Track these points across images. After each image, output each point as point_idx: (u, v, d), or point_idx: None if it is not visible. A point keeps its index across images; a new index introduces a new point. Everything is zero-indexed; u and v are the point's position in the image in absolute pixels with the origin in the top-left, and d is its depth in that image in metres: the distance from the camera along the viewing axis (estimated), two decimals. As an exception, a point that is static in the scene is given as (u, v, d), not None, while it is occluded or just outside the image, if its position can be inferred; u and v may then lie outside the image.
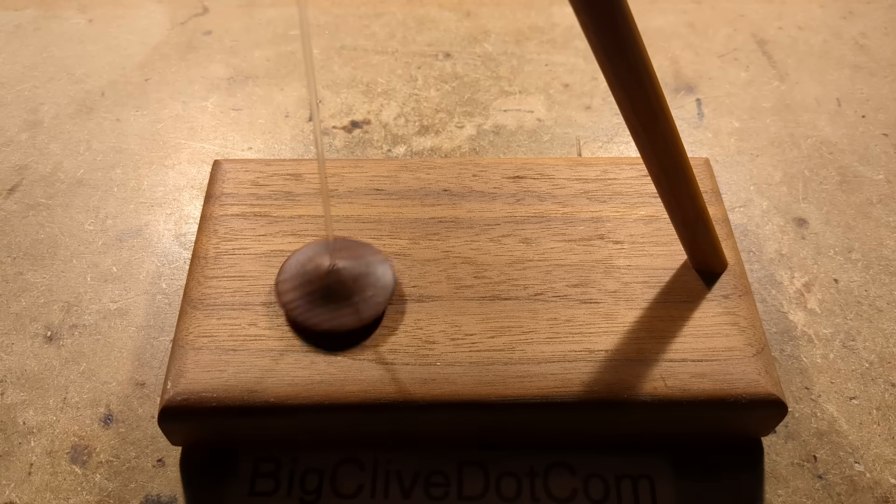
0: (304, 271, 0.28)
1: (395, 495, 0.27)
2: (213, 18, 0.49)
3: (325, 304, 0.27)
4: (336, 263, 0.28)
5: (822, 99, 0.43)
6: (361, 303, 0.27)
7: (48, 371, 0.30)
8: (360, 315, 0.27)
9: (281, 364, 0.26)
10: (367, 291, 0.27)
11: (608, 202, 0.32)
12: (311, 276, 0.28)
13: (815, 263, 0.34)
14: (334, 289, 0.27)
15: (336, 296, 0.27)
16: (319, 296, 0.27)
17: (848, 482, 0.27)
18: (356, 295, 0.27)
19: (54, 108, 0.42)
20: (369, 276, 0.28)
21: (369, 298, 0.27)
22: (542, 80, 0.45)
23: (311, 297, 0.27)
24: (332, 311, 0.27)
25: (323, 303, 0.27)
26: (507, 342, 0.27)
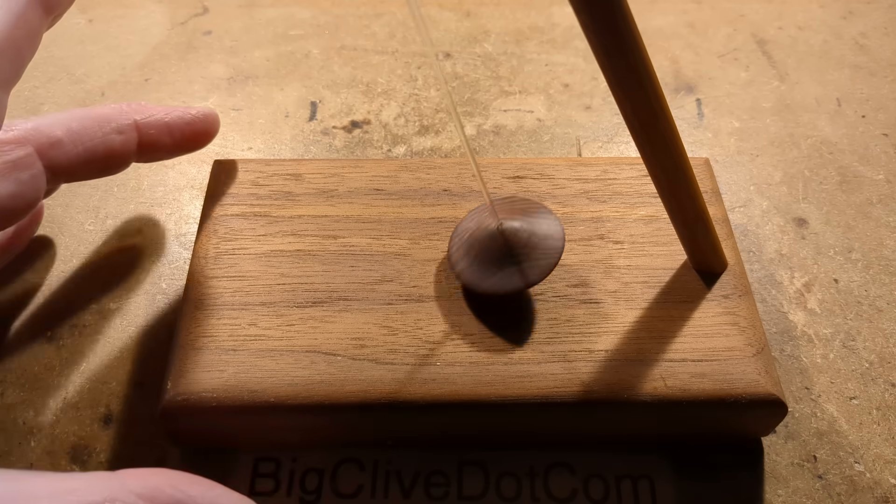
0: (472, 237, 0.28)
1: (395, 495, 0.27)
2: (213, 18, 0.49)
3: (495, 268, 0.27)
4: (503, 224, 0.28)
5: (822, 99, 0.43)
6: (528, 264, 0.27)
7: (48, 371, 0.30)
8: (527, 278, 0.27)
9: (281, 364, 0.26)
10: (536, 251, 0.27)
11: (608, 202, 0.32)
12: (479, 240, 0.28)
13: (815, 263, 0.35)
14: (503, 251, 0.28)
15: (505, 258, 0.27)
16: (488, 259, 0.28)
17: (848, 482, 0.27)
18: (525, 256, 0.27)
19: (54, 108, 0.42)
20: (537, 234, 0.28)
21: (538, 259, 0.27)
22: (542, 80, 0.45)
23: (480, 260, 0.28)
24: (502, 275, 0.27)
25: (492, 266, 0.27)
26: (507, 342, 0.27)
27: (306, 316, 0.28)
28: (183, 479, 0.20)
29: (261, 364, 0.26)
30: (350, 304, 0.28)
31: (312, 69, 0.45)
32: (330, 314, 0.28)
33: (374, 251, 0.30)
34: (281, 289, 0.28)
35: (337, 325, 0.27)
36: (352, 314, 0.28)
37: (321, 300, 0.28)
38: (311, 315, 0.28)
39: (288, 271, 0.29)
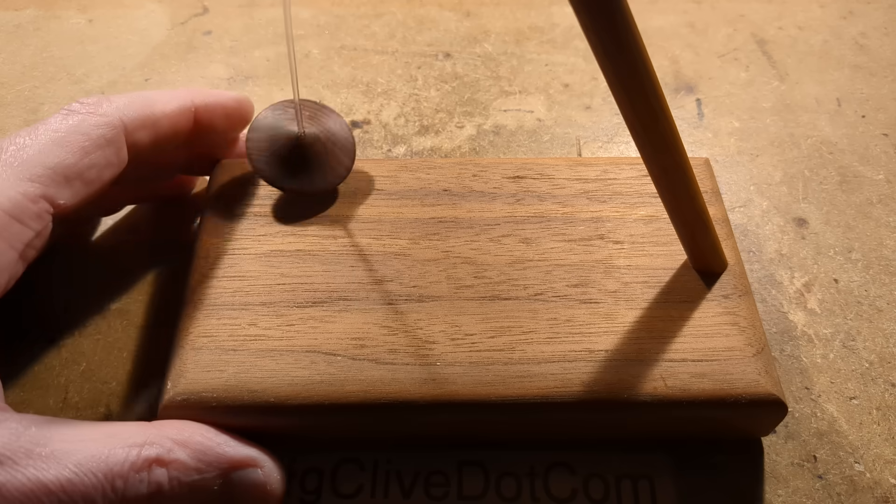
0: (274, 135, 0.31)
1: (395, 495, 0.27)
2: (213, 18, 0.49)
3: (295, 168, 0.30)
4: (305, 129, 0.30)
5: (822, 99, 0.43)
6: (329, 169, 0.31)
7: (48, 371, 0.30)
8: (327, 180, 0.31)
9: (281, 364, 0.26)
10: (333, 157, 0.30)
11: (608, 202, 0.32)
12: (281, 140, 0.31)
13: (815, 263, 0.35)
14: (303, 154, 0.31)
15: (305, 161, 0.31)
16: (288, 159, 0.30)
17: (848, 482, 0.27)
18: (324, 161, 0.30)
19: (54, 108, 0.42)
20: (334, 141, 0.31)
21: (336, 165, 0.31)
22: (542, 80, 0.45)
23: (280, 159, 0.30)
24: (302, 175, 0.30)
25: (292, 165, 0.30)
26: (507, 342, 0.27)
27: (306, 316, 0.28)
28: (211, 429, 0.25)
29: (261, 364, 0.26)
30: (350, 304, 0.28)
31: (312, 69, 0.45)
32: (330, 314, 0.28)
33: (374, 251, 0.30)
34: (281, 289, 0.28)
35: (337, 325, 0.27)
36: (352, 314, 0.28)
37: (321, 300, 0.28)
38: (311, 315, 0.28)
39: (288, 271, 0.29)
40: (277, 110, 0.31)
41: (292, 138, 0.30)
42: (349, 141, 0.31)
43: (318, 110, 0.31)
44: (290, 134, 0.31)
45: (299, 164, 0.30)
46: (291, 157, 0.30)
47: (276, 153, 0.30)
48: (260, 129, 0.31)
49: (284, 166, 0.30)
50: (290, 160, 0.30)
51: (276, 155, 0.30)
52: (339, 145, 0.31)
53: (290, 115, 0.31)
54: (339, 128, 0.31)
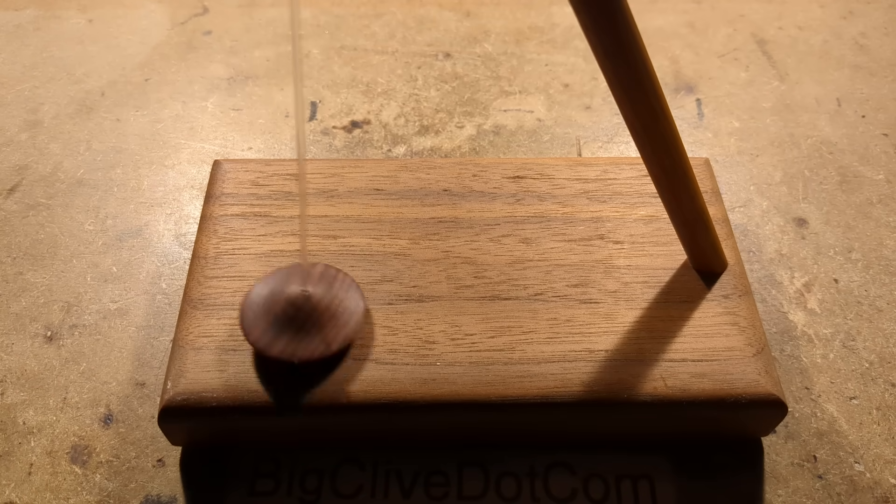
0: (271, 300, 0.26)
1: (395, 495, 0.27)
2: (213, 18, 0.49)
3: (293, 333, 0.26)
4: (307, 290, 0.26)
5: (822, 99, 0.43)
6: (331, 331, 0.26)
7: (48, 371, 0.30)
8: (329, 346, 0.25)
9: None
10: (337, 320, 0.26)
11: (608, 202, 0.32)
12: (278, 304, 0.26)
13: (815, 263, 0.34)
14: (302, 317, 0.26)
15: (304, 324, 0.26)
16: (286, 324, 0.26)
17: (848, 482, 0.27)
18: (325, 324, 0.26)
19: (54, 108, 0.42)
20: (340, 303, 0.26)
21: (339, 328, 0.26)
22: (542, 80, 0.45)
23: (278, 325, 0.26)
24: (299, 340, 0.25)
25: (290, 331, 0.26)
26: (507, 342, 0.27)
27: (306, 316, 0.28)
28: None
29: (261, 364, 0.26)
30: (350, 304, 0.28)
31: (312, 69, 0.45)
32: (330, 314, 0.28)
33: (374, 251, 0.30)
34: (281, 289, 0.28)
35: (337, 325, 0.27)
36: (352, 314, 0.28)
37: (321, 300, 0.28)
38: (311, 315, 0.28)
39: (288, 271, 0.29)
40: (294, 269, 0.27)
41: (292, 296, 0.26)
42: (356, 314, 0.26)
43: (335, 277, 0.27)
44: (290, 292, 0.26)
45: (290, 325, 0.26)
46: (283, 316, 0.26)
47: (271, 310, 0.26)
48: (266, 281, 0.27)
49: (274, 325, 0.26)
50: (281, 319, 0.26)
51: (269, 312, 0.26)
52: (341, 315, 0.26)
53: (304, 275, 0.27)
54: (350, 297, 0.27)
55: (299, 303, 0.26)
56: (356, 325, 0.26)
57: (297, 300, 0.26)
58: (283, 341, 0.25)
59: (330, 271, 0.28)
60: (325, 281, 0.27)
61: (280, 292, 0.26)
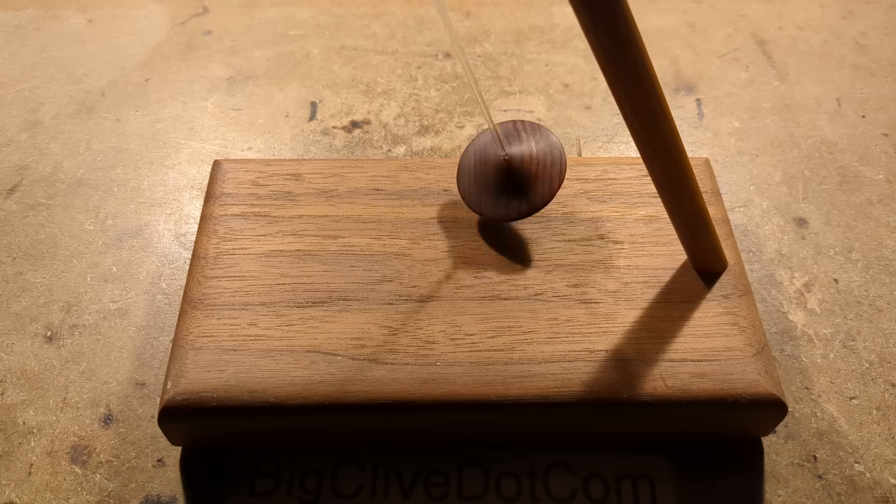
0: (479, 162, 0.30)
1: (395, 495, 0.27)
2: (213, 18, 0.49)
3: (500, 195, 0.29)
4: (507, 152, 0.29)
5: (822, 99, 0.43)
6: (532, 190, 0.28)
7: (48, 371, 0.30)
8: (532, 202, 0.29)
9: (281, 364, 0.26)
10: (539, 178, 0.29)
11: (608, 202, 0.32)
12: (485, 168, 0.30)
13: (815, 263, 0.34)
14: (507, 179, 0.29)
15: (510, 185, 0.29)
16: (493, 186, 0.29)
17: (848, 482, 0.27)
18: (528, 182, 0.29)
19: (54, 108, 0.42)
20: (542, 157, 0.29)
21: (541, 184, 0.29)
22: (542, 80, 0.45)
23: (487, 188, 0.29)
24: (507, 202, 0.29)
25: (497, 193, 0.29)
26: (507, 342, 0.27)
27: (306, 316, 0.28)
28: None
29: (261, 364, 0.26)
30: (350, 304, 0.28)
31: (312, 69, 0.45)
32: (330, 314, 0.28)
33: (374, 251, 0.30)
34: (281, 289, 0.28)
35: (337, 325, 0.27)
36: (352, 314, 0.28)
37: (321, 300, 0.28)
38: (311, 315, 0.28)
39: (288, 271, 0.29)
40: (487, 134, 0.30)
41: (495, 163, 0.29)
42: (558, 159, 0.29)
43: (527, 129, 0.30)
44: (494, 158, 0.29)
45: (501, 189, 0.29)
46: (494, 182, 0.29)
47: (481, 180, 0.29)
48: (468, 155, 0.30)
49: (488, 193, 0.29)
50: (492, 186, 0.29)
51: (480, 182, 0.29)
52: (545, 164, 0.29)
53: (501, 137, 0.30)
54: (547, 146, 0.29)
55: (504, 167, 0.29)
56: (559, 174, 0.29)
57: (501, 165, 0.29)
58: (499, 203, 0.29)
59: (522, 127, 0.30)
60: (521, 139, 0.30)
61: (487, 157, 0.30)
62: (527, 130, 0.30)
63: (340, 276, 0.29)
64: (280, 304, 0.28)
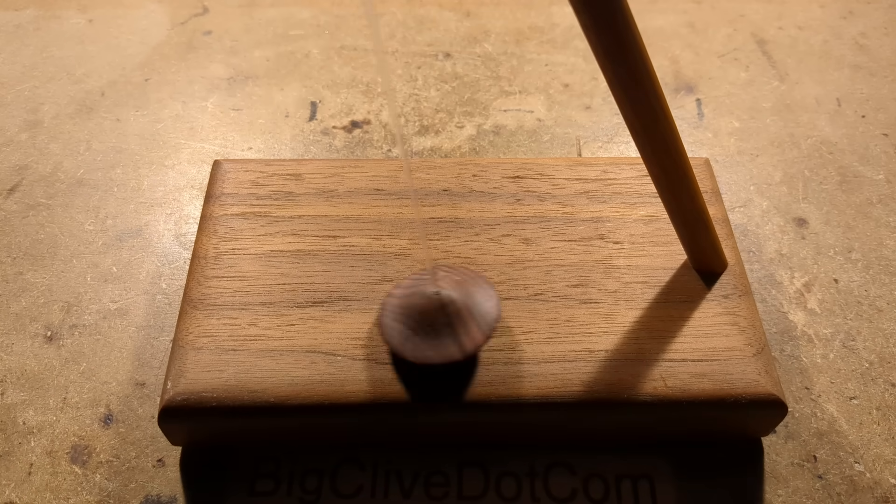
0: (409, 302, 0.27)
1: (395, 495, 0.27)
2: (213, 18, 0.49)
3: (429, 337, 0.26)
4: (440, 292, 0.26)
5: (822, 99, 0.43)
6: (464, 335, 0.25)
7: (48, 371, 0.30)
8: (464, 349, 0.25)
9: (281, 364, 0.26)
10: (470, 323, 0.26)
11: (608, 202, 0.32)
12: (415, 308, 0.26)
13: (815, 263, 0.34)
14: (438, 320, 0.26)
15: (439, 327, 0.26)
16: (423, 327, 0.26)
17: (848, 482, 0.27)
18: (459, 327, 0.26)
19: (54, 108, 0.42)
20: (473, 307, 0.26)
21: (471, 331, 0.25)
22: (542, 80, 0.45)
23: (416, 329, 0.26)
24: (436, 344, 0.25)
25: (426, 335, 0.26)
26: (507, 342, 0.27)
27: (306, 316, 0.28)
28: None
29: (261, 364, 0.26)
30: (350, 304, 0.28)
31: (312, 69, 0.45)
32: (330, 314, 0.28)
33: (374, 251, 0.30)
34: (281, 289, 0.28)
35: (337, 325, 0.27)
36: (352, 314, 0.28)
37: (321, 300, 0.28)
38: (311, 315, 0.28)
39: (288, 271, 0.29)
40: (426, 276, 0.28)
41: (426, 298, 0.26)
42: (491, 316, 0.26)
43: (470, 278, 0.27)
44: (425, 293, 0.26)
45: (425, 328, 0.26)
46: (419, 319, 0.26)
47: (406, 313, 0.26)
48: (403, 286, 0.28)
49: (409, 328, 0.26)
50: (416, 322, 0.26)
51: (404, 314, 0.27)
52: (475, 317, 0.26)
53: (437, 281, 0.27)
54: (484, 300, 0.27)
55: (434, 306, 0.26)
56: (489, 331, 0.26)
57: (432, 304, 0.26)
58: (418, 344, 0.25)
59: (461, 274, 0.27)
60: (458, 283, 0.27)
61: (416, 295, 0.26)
62: (463, 275, 0.28)
63: (340, 276, 0.29)
64: (280, 304, 0.28)
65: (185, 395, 0.25)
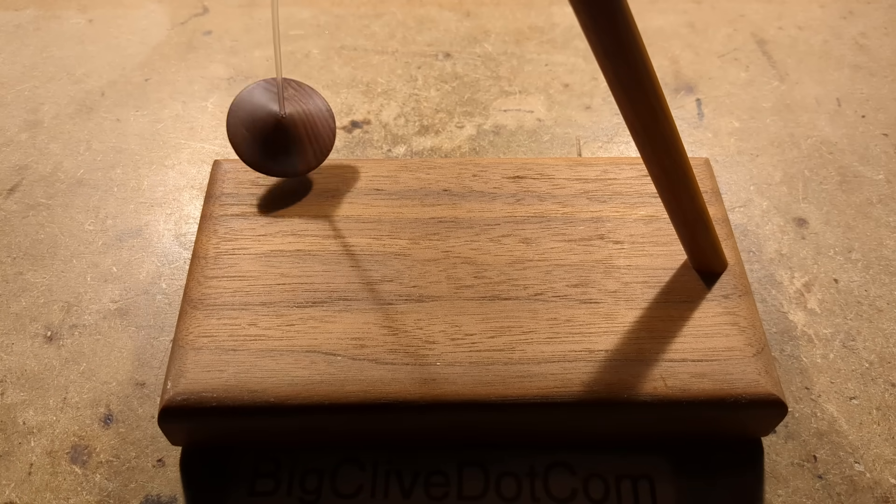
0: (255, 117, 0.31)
1: (395, 495, 0.27)
2: (213, 18, 0.49)
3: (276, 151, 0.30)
4: (285, 111, 0.31)
5: (822, 99, 0.43)
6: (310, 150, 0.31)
7: (48, 371, 0.30)
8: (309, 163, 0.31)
9: (281, 364, 0.26)
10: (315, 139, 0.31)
11: (608, 202, 0.32)
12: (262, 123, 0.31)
13: (815, 263, 0.34)
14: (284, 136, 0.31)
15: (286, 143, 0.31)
16: (270, 142, 0.31)
17: (848, 482, 0.27)
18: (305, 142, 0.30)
19: (54, 108, 0.42)
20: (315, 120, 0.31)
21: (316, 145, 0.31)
22: (542, 80, 0.45)
23: (263, 143, 0.30)
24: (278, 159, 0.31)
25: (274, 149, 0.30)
26: (507, 342, 0.27)
27: (306, 316, 0.28)
28: None
29: (261, 364, 0.26)
30: (350, 304, 0.28)
31: (312, 69, 0.45)
32: (330, 314, 0.28)
33: (374, 251, 0.30)
34: (281, 289, 0.28)
35: (337, 325, 0.27)
36: (352, 314, 0.28)
37: (321, 300, 0.28)
38: (311, 315, 0.28)
39: (288, 271, 0.29)
40: (259, 88, 0.31)
41: (272, 119, 0.31)
42: (328, 125, 0.31)
43: (300, 90, 0.32)
44: (270, 114, 0.31)
45: (278, 147, 0.31)
46: (270, 139, 0.31)
47: (256, 134, 0.31)
48: (241, 107, 0.31)
49: (263, 148, 0.31)
50: (268, 142, 0.31)
51: (255, 136, 0.31)
52: (318, 128, 0.31)
53: (273, 95, 0.31)
54: (319, 110, 0.32)
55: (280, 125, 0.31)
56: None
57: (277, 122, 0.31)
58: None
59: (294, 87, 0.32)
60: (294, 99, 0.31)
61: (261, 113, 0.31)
62: (296, 89, 0.32)
63: (340, 276, 0.29)
64: (280, 304, 0.28)
65: (185, 395, 0.25)
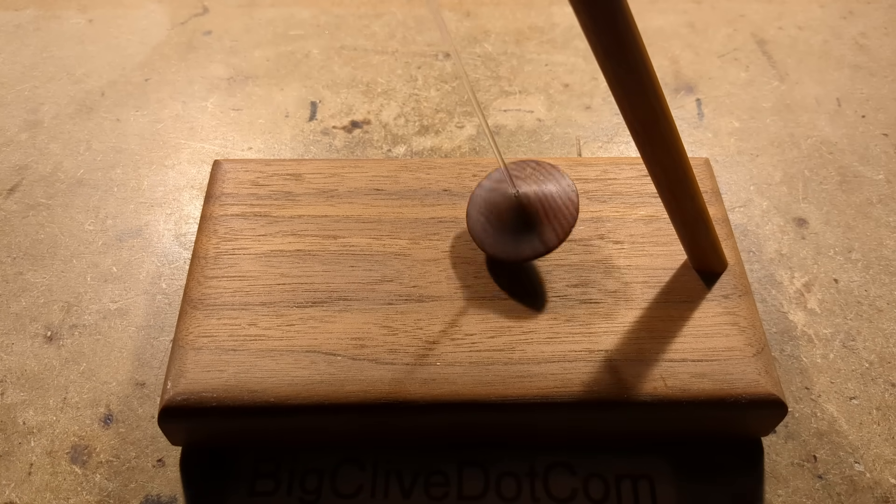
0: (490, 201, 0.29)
1: (395, 495, 0.27)
2: (213, 18, 0.49)
3: (512, 235, 0.28)
4: (519, 190, 0.28)
5: (822, 99, 0.43)
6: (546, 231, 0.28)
7: (48, 371, 0.30)
8: (546, 244, 0.28)
9: (281, 364, 0.26)
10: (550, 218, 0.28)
11: (608, 202, 0.32)
12: (496, 207, 0.29)
13: (815, 263, 0.34)
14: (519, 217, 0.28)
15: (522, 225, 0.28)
16: (505, 227, 0.28)
17: (848, 482, 0.27)
18: (541, 222, 0.28)
19: (54, 108, 0.42)
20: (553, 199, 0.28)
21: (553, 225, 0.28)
22: (542, 80, 0.45)
23: (498, 228, 0.28)
24: (518, 241, 0.28)
25: (509, 233, 0.28)
26: (507, 342, 0.27)
27: (306, 316, 0.28)
28: None
29: (261, 364, 0.26)
30: (350, 304, 0.28)
31: (312, 69, 0.45)
32: (330, 314, 0.28)
33: (374, 251, 0.30)
34: (281, 289, 0.28)
35: (337, 325, 0.27)
36: (352, 314, 0.28)
37: (321, 300, 0.28)
38: (311, 315, 0.28)
39: (288, 271, 0.29)
40: (495, 174, 0.30)
41: (506, 201, 0.28)
42: (569, 206, 0.28)
43: (539, 169, 0.29)
44: (504, 196, 0.28)
45: (509, 228, 0.28)
46: (501, 220, 0.28)
47: (489, 217, 0.29)
48: (478, 194, 0.30)
49: (495, 230, 0.28)
50: (499, 224, 0.28)
51: (488, 218, 0.29)
52: (555, 209, 0.28)
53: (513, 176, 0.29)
54: (560, 189, 0.28)
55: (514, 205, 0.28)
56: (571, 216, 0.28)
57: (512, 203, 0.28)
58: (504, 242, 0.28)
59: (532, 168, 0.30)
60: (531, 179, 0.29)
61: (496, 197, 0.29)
62: (535, 168, 0.29)
63: (340, 276, 0.29)
64: (280, 304, 0.28)
65: (185, 395, 0.25)
